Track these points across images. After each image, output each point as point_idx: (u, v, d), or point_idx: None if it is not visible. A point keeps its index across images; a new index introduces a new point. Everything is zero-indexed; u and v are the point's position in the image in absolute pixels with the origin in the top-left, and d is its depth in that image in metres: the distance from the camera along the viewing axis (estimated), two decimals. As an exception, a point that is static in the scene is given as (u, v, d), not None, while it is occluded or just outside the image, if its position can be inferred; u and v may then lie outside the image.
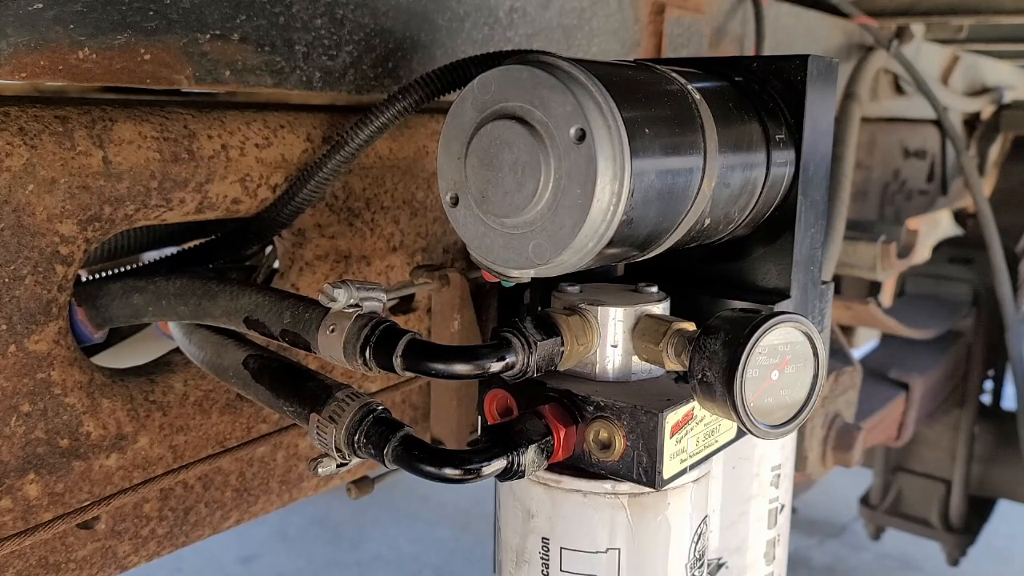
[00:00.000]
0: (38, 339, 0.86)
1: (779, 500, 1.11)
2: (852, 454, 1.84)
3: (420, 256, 1.24)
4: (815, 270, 1.02)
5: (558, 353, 0.83)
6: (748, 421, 0.76)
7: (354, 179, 1.12)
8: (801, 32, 2.01)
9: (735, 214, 0.90)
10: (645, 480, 0.82)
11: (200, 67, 0.91)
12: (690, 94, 0.82)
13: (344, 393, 0.80)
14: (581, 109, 0.70)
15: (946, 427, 3.26)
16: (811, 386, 0.82)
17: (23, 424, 0.86)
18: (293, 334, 0.83)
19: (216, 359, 0.93)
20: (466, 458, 0.78)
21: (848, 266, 1.98)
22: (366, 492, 1.25)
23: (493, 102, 0.74)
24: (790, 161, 0.94)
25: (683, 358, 0.81)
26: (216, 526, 1.09)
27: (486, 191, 0.75)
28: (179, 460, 1.02)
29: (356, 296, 0.78)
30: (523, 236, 0.75)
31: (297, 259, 1.09)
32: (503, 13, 1.22)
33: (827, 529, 4.50)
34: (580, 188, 0.70)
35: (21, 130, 0.81)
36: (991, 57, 3.35)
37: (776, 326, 0.77)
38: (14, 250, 0.82)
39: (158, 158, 0.90)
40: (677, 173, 0.77)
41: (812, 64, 0.94)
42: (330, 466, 0.78)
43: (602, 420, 0.84)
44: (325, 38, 1.01)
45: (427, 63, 1.13)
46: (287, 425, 1.13)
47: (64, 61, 0.81)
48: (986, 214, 2.21)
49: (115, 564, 0.99)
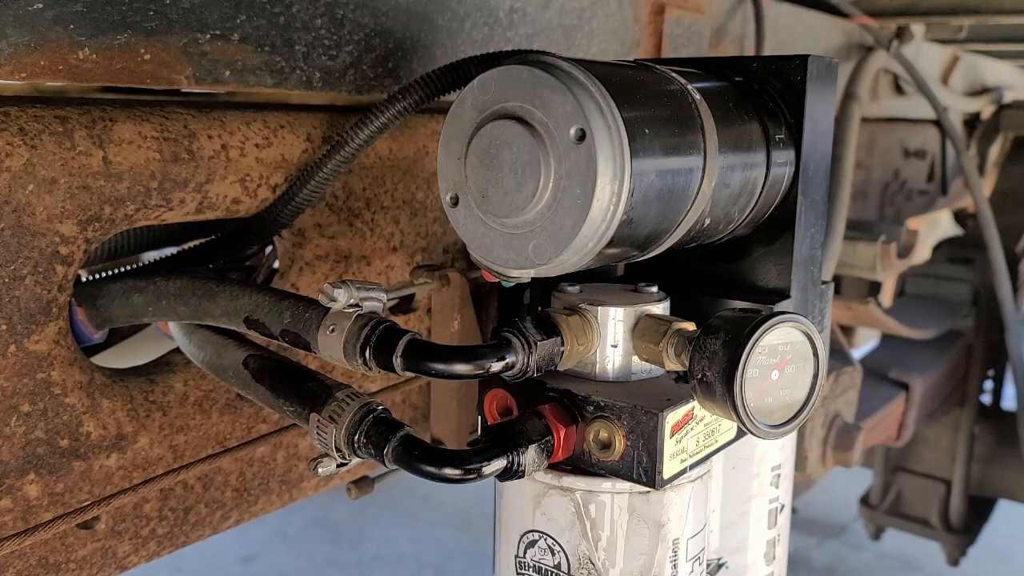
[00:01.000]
0: (38, 339, 0.86)
1: (779, 500, 1.11)
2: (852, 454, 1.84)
3: (420, 256, 1.24)
4: (815, 270, 1.02)
5: (558, 353, 0.83)
6: (748, 421, 0.76)
7: (354, 179, 1.12)
8: (801, 32, 2.01)
9: (735, 214, 0.90)
10: (645, 480, 0.82)
11: (200, 67, 0.91)
12: (690, 94, 0.82)
13: (344, 393, 0.80)
14: (581, 109, 0.70)
15: (946, 427, 3.26)
16: (811, 386, 0.82)
17: (23, 424, 0.86)
18: (293, 334, 0.83)
19: (216, 359, 0.93)
20: (466, 458, 0.78)
21: (848, 266, 1.98)
22: (366, 492, 1.25)
23: (493, 102, 0.74)
24: (790, 161, 0.94)
25: (683, 358, 0.81)
26: (216, 526, 1.09)
27: (486, 191, 0.75)
28: (179, 460, 1.02)
29: (356, 296, 0.78)
30: (523, 236, 0.75)
31: (297, 259, 1.09)
32: (503, 13, 1.22)
33: (827, 529, 4.50)
34: (580, 188, 0.70)
35: (21, 130, 0.81)
36: (991, 57, 3.35)
37: (776, 326, 0.77)
38: (14, 250, 0.82)
39: (158, 158, 0.90)
40: (677, 173, 0.77)
41: (812, 64, 0.94)
42: (330, 466, 0.78)
43: (602, 420, 0.84)
44: (325, 38, 1.01)
45: (427, 63, 1.13)
46: (287, 425, 1.13)
47: (64, 61, 0.80)
48: (986, 214, 2.21)
49: (115, 564, 0.99)
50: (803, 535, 4.38)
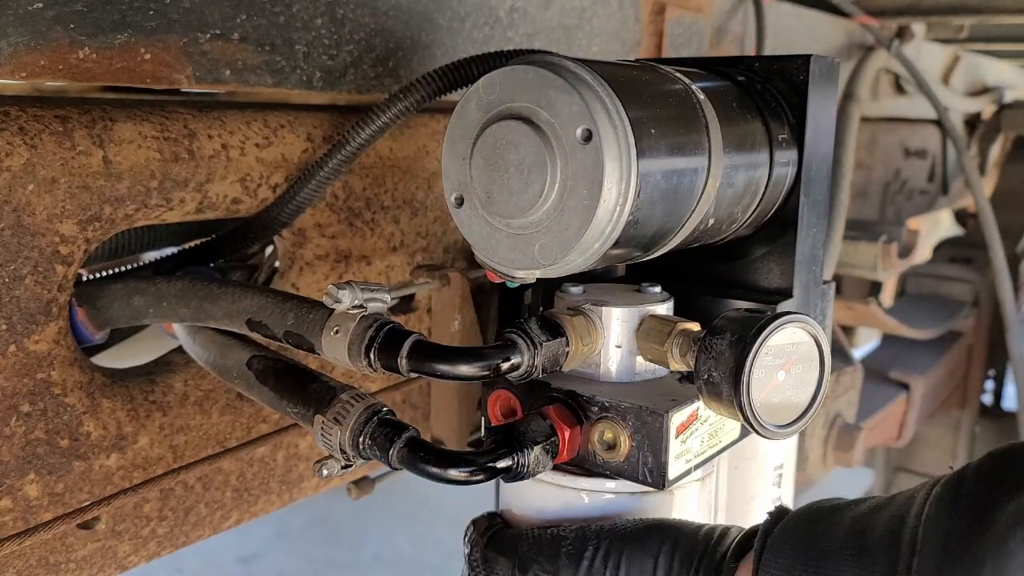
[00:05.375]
0: (38, 339, 0.86)
1: (781, 500, 1.11)
2: (853, 454, 1.85)
3: (420, 256, 1.24)
4: (817, 270, 1.01)
5: (563, 354, 0.83)
6: (755, 421, 0.76)
7: (354, 179, 1.11)
8: (802, 32, 2.01)
9: (738, 214, 0.90)
10: (650, 480, 0.82)
11: (200, 67, 0.90)
12: (694, 94, 0.81)
13: (349, 395, 0.79)
14: (587, 109, 0.69)
15: (947, 427, 3.26)
16: (817, 386, 0.82)
17: (23, 424, 0.86)
18: (297, 336, 0.82)
19: (220, 359, 0.92)
20: (471, 459, 0.77)
21: (849, 266, 1.98)
22: (366, 492, 1.24)
23: (498, 102, 0.74)
24: (792, 161, 0.94)
25: (688, 358, 0.81)
26: (216, 526, 1.09)
27: (491, 192, 0.75)
28: (179, 460, 1.02)
29: (360, 297, 0.77)
30: (529, 237, 0.74)
31: (297, 259, 1.09)
32: (504, 13, 1.21)
33: (826, 529, 4.49)
34: (586, 188, 0.70)
35: (21, 130, 0.80)
36: (992, 57, 3.35)
37: (783, 326, 0.76)
38: (14, 250, 0.82)
39: (158, 158, 0.90)
40: (682, 173, 0.77)
41: (814, 64, 0.94)
42: (334, 468, 0.78)
43: (607, 420, 0.83)
44: (325, 38, 1.01)
45: (428, 63, 1.12)
46: (287, 425, 1.13)
47: (64, 61, 0.80)
48: (987, 214, 2.21)
49: (115, 564, 0.98)
50: (802, 535, 4.37)
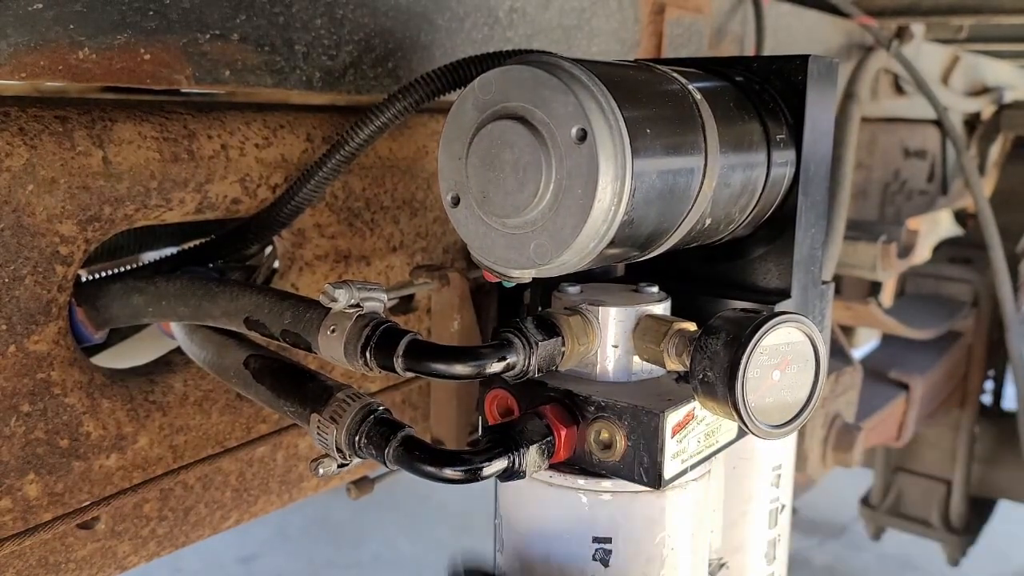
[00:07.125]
0: (38, 339, 0.86)
1: (780, 500, 1.11)
2: (852, 454, 1.84)
3: (420, 256, 1.24)
4: (815, 270, 1.01)
5: (559, 353, 0.83)
6: (750, 421, 0.76)
7: (354, 179, 1.12)
8: (801, 32, 2.01)
9: (736, 214, 0.90)
10: (646, 480, 0.82)
11: (200, 67, 0.91)
12: (691, 94, 0.82)
13: (345, 394, 0.79)
14: (582, 109, 0.69)
15: (946, 427, 3.25)
16: (812, 387, 0.82)
17: (23, 424, 0.86)
18: (294, 335, 0.82)
19: (217, 359, 0.93)
20: (467, 459, 0.78)
21: (848, 266, 1.98)
22: (366, 492, 1.24)
23: (494, 102, 0.74)
24: (790, 161, 0.94)
25: (684, 358, 0.81)
26: (216, 526, 1.09)
27: (487, 191, 0.75)
28: (179, 460, 1.02)
29: (357, 296, 0.78)
30: (524, 236, 0.75)
31: (297, 259, 1.09)
32: (503, 13, 1.22)
33: (828, 530, 4.50)
34: (582, 188, 0.70)
35: (21, 130, 0.81)
36: (991, 57, 3.35)
37: (778, 326, 0.76)
38: (14, 250, 0.82)
39: (158, 158, 0.90)
40: (678, 173, 0.77)
41: (813, 64, 0.94)
42: (331, 466, 0.78)
43: (603, 420, 0.83)
44: (325, 38, 1.01)
45: (427, 63, 1.13)
46: (287, 425, 1.13)
47: (64, 61, 0.80)
48: (986, 214, 2.21)
49: (115, 564, 0.99)
50: (804, 536, 4.38)
